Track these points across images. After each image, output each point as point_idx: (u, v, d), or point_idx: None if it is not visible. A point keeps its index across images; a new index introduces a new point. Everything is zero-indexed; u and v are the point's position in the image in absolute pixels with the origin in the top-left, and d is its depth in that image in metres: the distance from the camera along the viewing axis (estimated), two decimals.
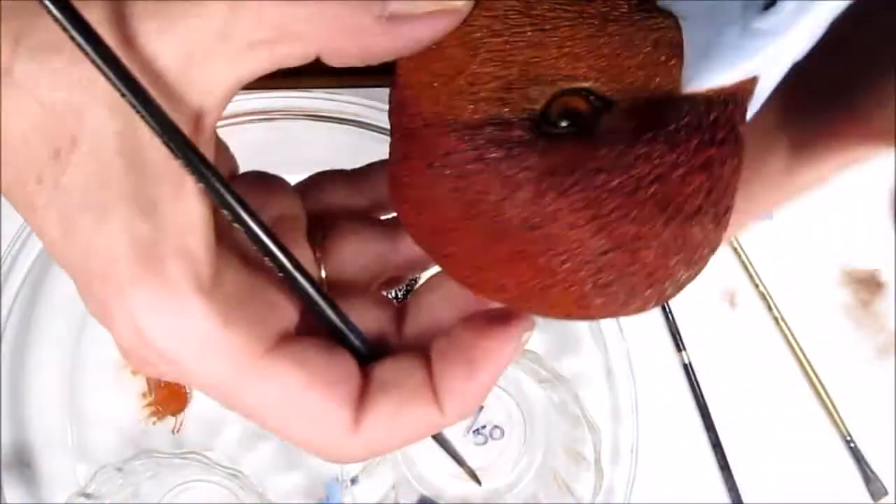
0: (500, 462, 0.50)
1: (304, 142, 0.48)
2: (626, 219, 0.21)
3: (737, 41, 0.20)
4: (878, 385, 0.54)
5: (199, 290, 0.20)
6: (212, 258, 0.21)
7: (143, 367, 0.22)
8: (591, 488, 0.47)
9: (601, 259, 0.21)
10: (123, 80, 0.19)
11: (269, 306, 0.23)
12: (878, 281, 0.54)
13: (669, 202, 0.21)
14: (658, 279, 0.22)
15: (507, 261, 0.22)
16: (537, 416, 0.50)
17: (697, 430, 0.53)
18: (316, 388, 0.22)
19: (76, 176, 0.20)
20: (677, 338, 0.53)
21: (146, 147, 0.20)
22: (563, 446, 0.49)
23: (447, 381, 0.23)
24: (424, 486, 0.50)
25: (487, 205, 0.21)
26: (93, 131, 0.20)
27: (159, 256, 0.20)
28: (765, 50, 0.20)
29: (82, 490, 0.48)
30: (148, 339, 0.21)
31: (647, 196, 0.21)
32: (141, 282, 0.20)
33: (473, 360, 0.23)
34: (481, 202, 0.22)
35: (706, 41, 0.21)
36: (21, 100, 0.19)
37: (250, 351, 0.21)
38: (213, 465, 0.48)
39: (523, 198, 0.21)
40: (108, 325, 0.21)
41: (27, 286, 0.50)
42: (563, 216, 0.21)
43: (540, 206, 0.21)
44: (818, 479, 0.53)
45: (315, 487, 0.53)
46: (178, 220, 0.20)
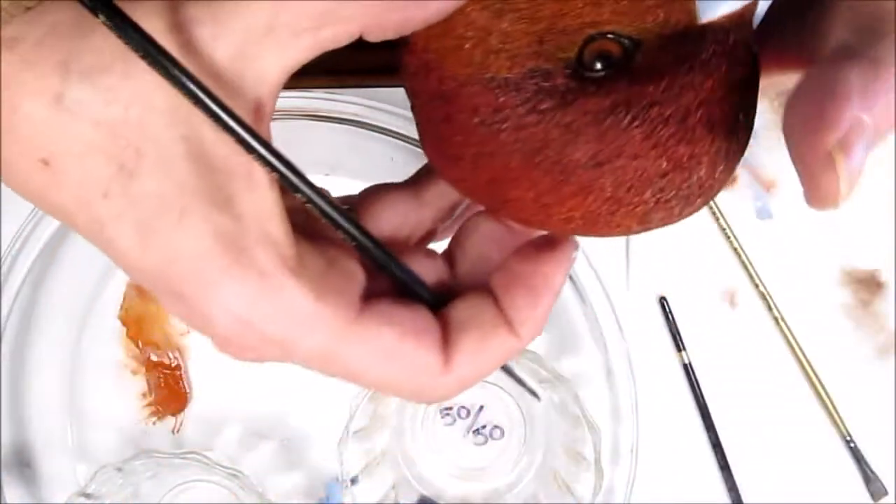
0: (500, 462, 0.50)
1: (304, 142, 0.48)
2: (682, 142, 0.23)
3: None
4: (878, 385, 0.54)
5: (288, 271, 0.22)
6: (292, 241, 0.22)
7: (244, 354, 0.23)
8: (591, 488, 0.47)
9: (662, 180, 0.24)
10: (189, 85, 0.20)
11: (347, 275, 0.24)
12: (878, 281, 0.54)
13: (714, 121, 0.23)
14: (708, 188, 0.24)
15: (575, 195, 0.24)
16: (537, 416, 0.50)
17: (697, 430, 0.53)
18: (408, 340, 0.24)
19: (148, 184, 0.20)
20: (677, 338, 0.53)
21: (211, 147, 0.21)
22: (563, 446, 0.49)
23: (517, 310, 0.25)
24: (424, 486, 0.50)
25: (551, 150, 0.24)
26: (156, 140, 0.20)
27: (245, 246, 0.21)
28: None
29: (82, 490, 0.48)
30: (252, 326, 0.22)
31: (696, 120, 0.23)
32: (233, 273, 0.21)
33: (535, 286, 0.25)
34: (545, 149, 0.24)
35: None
36: (73, 124, 0.20)
37: (345, 317, 0.23)
38: (213, 465, 0.48)
39: (586, 139, 0.23)
40: (202, 324, 0.23)
41: (27, 286, 0.50)
42: (626, 150, 0.23)
43: (603, 144, 0.23)
44: (818, 479, 0.53)
45: (315, 487, 0.53)
46: (255, 209, 0.21)
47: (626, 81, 0.23)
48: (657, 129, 0.23)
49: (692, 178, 0.24)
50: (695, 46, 0.23)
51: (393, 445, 0.50)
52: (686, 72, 0.23)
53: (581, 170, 0.24)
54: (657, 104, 0.23)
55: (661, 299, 0.53)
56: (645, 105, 0.23)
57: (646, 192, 0.24)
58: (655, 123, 0.23)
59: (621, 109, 0.23)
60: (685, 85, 0.23)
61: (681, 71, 0.23)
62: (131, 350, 0.53)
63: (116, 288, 0.53)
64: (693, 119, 0.23)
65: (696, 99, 0.23)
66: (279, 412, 0.53)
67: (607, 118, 0.23)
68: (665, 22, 0.23)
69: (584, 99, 0.23)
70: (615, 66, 0.24)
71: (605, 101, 0.23)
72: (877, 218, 0.54)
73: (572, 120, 0.23)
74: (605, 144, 0.23)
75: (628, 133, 0.23)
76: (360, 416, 0.48)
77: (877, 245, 0.54)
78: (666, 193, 0.24)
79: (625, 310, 0.51)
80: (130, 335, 0.53)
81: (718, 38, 0.23)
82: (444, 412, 0.50)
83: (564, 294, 0.51)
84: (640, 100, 0.23)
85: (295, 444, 0.53)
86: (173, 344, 0.53)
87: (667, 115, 0.23)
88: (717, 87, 0.23)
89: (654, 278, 0.54)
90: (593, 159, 0.23)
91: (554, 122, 0.23)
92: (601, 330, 0.50)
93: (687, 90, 0.23)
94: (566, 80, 0.24)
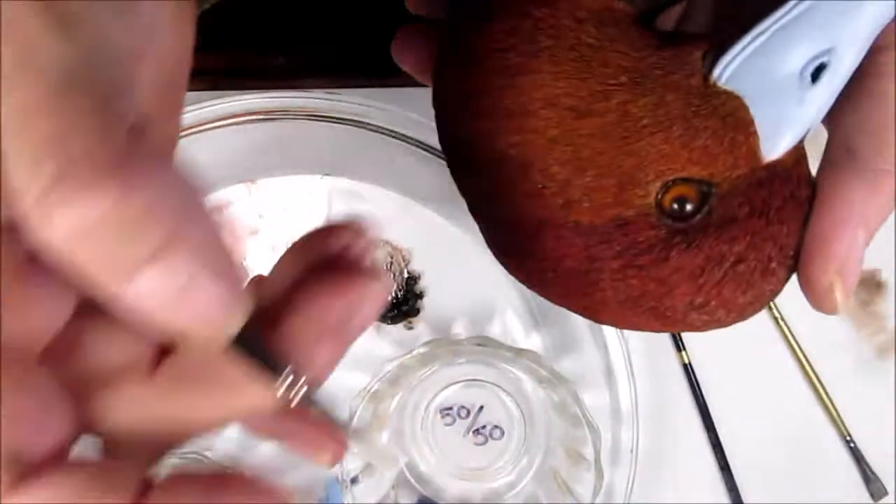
0: (500, 462, 0.50)
1: (304, 142, 0.48)
2: (765, 281, 0.26)
3: (795, 111, 0.24)
4: (878, 385, 0.54)
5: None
6: None
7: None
8: (591, 488, 0.47)
9: (746, 308, 0.27)
10: None
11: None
12: (878, 281, 0.54)
13: (789, 256, 0.27)
14: (776, 291, 0.28)
15: (665, 326, 0.27)
16: (537, 416, 0.50)
17: (697, 430, 0.53)
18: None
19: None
20: (677, 338, 0.53)
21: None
22: (563, 446, 0.49)
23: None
24: (424, 486, 0.50)
25: (649, 299, 0.26)
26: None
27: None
28: (815, 109, 0.25)
29: None
30: None
31: (777, 263, 0.26)
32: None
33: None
34: (642, 298, 0.26)
35: (770, 116, 0.25)
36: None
37: None
38: (213, 465, 0.48)
39: (682, 292, 0.26)
40: None
41: None
42: (720, 297, 0.26)
43: (699, 296, 0.26)
44: (818, 479, 0.53)
45: (315, 487, 0.53)
46: None
47: (713, 237, 0.26)
48: (746, 279, 0.26)
49: (767, 297, 0.27)
50: (768, 193, 0.26)
51: (393, 445, 0.50)
52: (765, 225, 0.26)
53: (678, 313, 0.27)
54: (744, 260, 0.26)
55: None
56: (734, 262, 0.26)
57: (729, 318, 0.27)
58: (744, 275, 0.26)
59: (713, 266, 0.26)
60: (766, 237, 0.26)
61: (760, 224, 0.26)
62: None
63: None
64: (774, 264, 0.26)
65: (775, 246, 0.26)
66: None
67: (701, 275, 0.26)
68: (734, 164, 0.25)
69: (678, 255, 0.26)
70: (695, 215, 0.26)
71: (698, 259, 0.26)
72: None
73: (669, 275, 0.26)
74: (699, 296, 0.26)
75: (720, 286, 0.26)
76: (360, 416, 0.48)
77: (877, 245, 0.54)
78: (744, 312, 0.27)
79: None
80: None
81: (784, 179, 0.26)
82: (444, 412, 0.50)
83: None
84: (728, 257, 0.26)
85: None
86: None
87: (752, 267, 0.26)
88: (791, 232, 0.26)
89: None
90: (689, 305, 0.26)
91: (651, 277, 0.26)
92: (601, 330, 0.50)
93: (767, 241, 0.26)
94: (654, 231, 0.26)
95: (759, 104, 0.25)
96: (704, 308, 0.26)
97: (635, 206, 0.25)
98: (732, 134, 0.25)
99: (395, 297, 0.52)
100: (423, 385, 0.50)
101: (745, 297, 0.27)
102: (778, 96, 0.24)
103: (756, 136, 0.25)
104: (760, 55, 0.24)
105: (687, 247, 0.26)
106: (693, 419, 0.53)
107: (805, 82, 0.24)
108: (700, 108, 0.25)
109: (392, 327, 0.53)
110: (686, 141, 0.25)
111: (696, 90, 0.25)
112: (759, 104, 0.25)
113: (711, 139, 0.25)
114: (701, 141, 0.25)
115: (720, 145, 0.25)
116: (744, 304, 0.27)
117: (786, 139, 0.25)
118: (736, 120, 0.25)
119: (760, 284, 0.26)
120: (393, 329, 0.53)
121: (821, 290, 0.26)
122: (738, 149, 0.25)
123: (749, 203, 0.26)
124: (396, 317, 0.52)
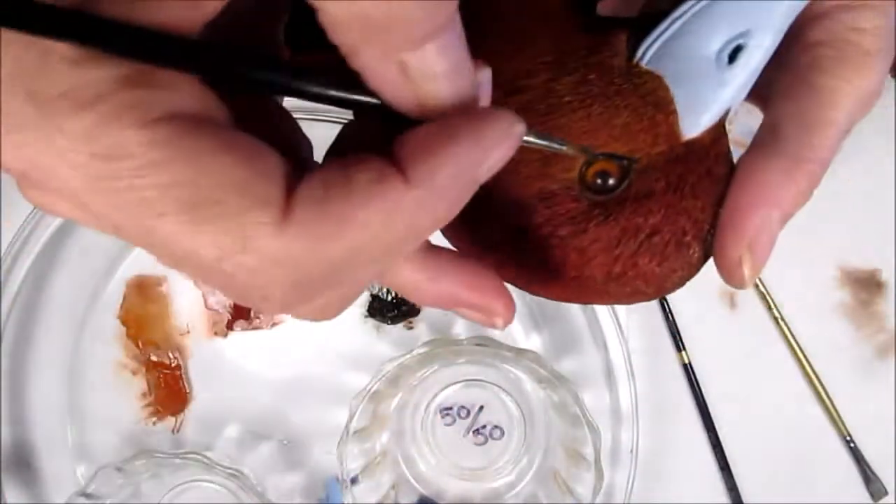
0: (500, 462, 0.50)
1: None
2: (679, 254, 0.27)
3: (714, 92, 0.25)
4: (878, 385, 0.54)
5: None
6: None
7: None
8: (591, 488, 0.47)
9: (664, 280, 0.28)
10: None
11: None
12: (878, 281, 0.54)
13: (703, 231, 0.27)
14: (695, 269, 0.28)
15: (588, 297, 0.28)
16: (537, 416, 0.50)
17: (697, 430, 0.53)
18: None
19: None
20: (677, 338, 0.53)
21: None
22: (563, 446, 0.49)
23: (405, 152, 0.22)
24: (424, 486, 0.50)
25: (569, 268, 0.27)
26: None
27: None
28: (734, 90, 0.25)
29: (82, 490, 0.48)
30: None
31: (691, 237, 0.27)
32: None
33: (432, 132, 0.21)
34: (563, 266, 0.27)
35: (690, 96, 0.26)
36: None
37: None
38: (213, 465, 0.48)
39: (600, 262, 0.27)
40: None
41: (27, 286, 0.50)
42: (634, 268, 0.27)
43: (616, 266, 0.27)
44: (818, 479, 0.53)
45: (315, 487, 0.53)
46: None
47: (630, 210, 0.27)
48: (660, 250, 0.27)
49: (685, 272, 0.28)
50: (683, 170, 0.27)
51: (393, 445, 0.50)
52: (679, 199, 0.27)
53: (597, 283, 0.28)
54: (658, 232, 0.27)
55: (661, 299, 0.53)
56: (648, 234, 0.27)
57: (649, 290, 0.28)
58: (658, 247, 0.27)
59: (629, 238, 0.27)
60: (680, 211, 0.27)
61: (675, 198, 0.27)
62: (131, 350, 0.53)
63: (116, 288, 0.53)
64: (688, 237, 0.27)
65: (689, 220, 0.27)
66: (279, 412, 0.53)
67: (618, 246, 0.27)
68: (654, 142, 0.26)
69: (596, 227, 0.27)
70: (616, 189, 0.27)
71: (615, 230, 0.27)
72: (877, 218, 0.54)
73: (588, 245, 0.27)
74: (617, 266, 0.27)
75: (635, 257, 0.27)
76: (360, 416, 0.48)
77: (877, 245, 0.54)
78: (664, 286, 0.28)
79: (625, 310, 0.51)
80: (130, 335, 0.53)
81: (701, 156, 0.27)
82: (444, 412, 0.50)
83: None
84: (643, 228, 0.27)
85: (295, 444, 0.53)
86: (173, 344, 0.53)
87: (667, 239, 0.27)
88: (705, 206, 0.27)
89: None
90: (607, 276, 0.27)
91: (572, 247, 0.27)
92: (601, 330, 0.50)
93: (681, 215, 0.27)
94: (572, 202, 0.27)
95: (680, 84, 0.26)
96: (622, 279, 0.27)
97: (559, 181, 0.27)
98: (653, 112, 0.26)
99: (395, 297, 0.52)
100: (423, 385, 0.50)
101: (661, 269, 0.27)
102: (697, 76, 0.25)
103: (675, 115, 0.26)
104: (680, 37, 0.25)
105: (605, 219, 0.27)
106: (693, 419, 0.53)
107: (723, 63, 0.25)
108: (621, 87, 0.26)
109: (392, 327, 0.53)
110: (607, 118, 0.26)
111: (618, 70, 0.26)
112: (679, 84, 0.26)
113: (631, 117, 0.26)
114: (621, 119, 0.26)
115: (640, 122, 0.26)
116: (661, 276, 0.28)
117: (704, 118, 0.26)
118: (656, 98, 0.26)
119: (675, 257, 0.27)
120: (393, 329, 0.53)
121: (730, 263, 0.27)
122: (657, 126, 0.26)
123: (665, 178, 0.27)
124: (396, 317, 0.52)
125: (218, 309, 0.53)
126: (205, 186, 0.19)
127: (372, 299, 0.52)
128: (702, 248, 0.28)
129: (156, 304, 0.53)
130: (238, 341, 0.53)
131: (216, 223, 0.19)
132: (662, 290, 0.28)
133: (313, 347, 0.53)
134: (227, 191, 0.19)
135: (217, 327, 0.53)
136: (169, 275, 0.53)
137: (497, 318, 0.26)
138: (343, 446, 0.47)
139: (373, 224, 0.20)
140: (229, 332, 0.53)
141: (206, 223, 0.19)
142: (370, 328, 0.53)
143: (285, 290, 0.20)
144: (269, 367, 0.53)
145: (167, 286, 0.53)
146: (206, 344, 0.53)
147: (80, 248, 0.52)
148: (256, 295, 0.21)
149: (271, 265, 0.20)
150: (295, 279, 0.20)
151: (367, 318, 0.53)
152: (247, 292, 0.21)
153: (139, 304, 0.53)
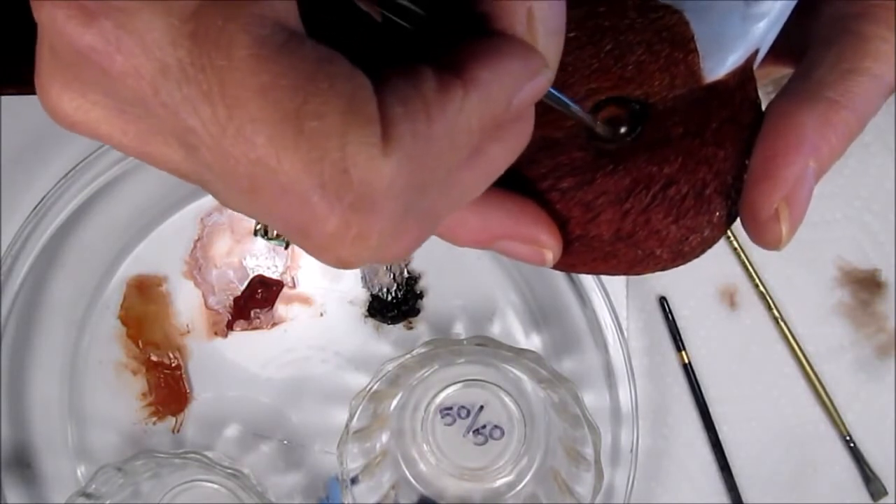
0: (500, 462, 0.50)
1: None
2: (699, 213, 0.24)
3: (739, 28, 0.23)
4: (878, 385, 0.54)
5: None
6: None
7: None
8: (591, 488, 0.47)
9: (680, 244, 0.25)
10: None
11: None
12: (878, 281, 0.54)
13: (727, 186, 0.24)
14: (718, 234, 0.25)
15: (595, 261, 0.25)
16: (537, 416, 0.50)
17: (697, 430, 0.53)
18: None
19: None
20: (677, 338, 0.53)
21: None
22: (563, 446, 0.49)
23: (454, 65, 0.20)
24: (424, 486, 0.50)
25: (574, 226, 0.24)
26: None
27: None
28: (763, 28, 0.23)
29: (82, 490, 0.48)
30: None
31: (712, 190, 0.24)
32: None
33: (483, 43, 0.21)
34: (567, 225, 0.24)
35: (713, 33, 0.23)
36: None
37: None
38: (213, 465, 0.48)
39: (607, 218, 0.24)
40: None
41: (27, 286, 0.50)
42: (647, 225, 0.24)
43: (625, 223, 0.24)
44: (818, 478, 0.53)
45: (315, 487, 0.53)
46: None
47: (643, 159, 0.24)
48: (676, 205, 0.24)
49: (705, 234, 0.25)
50: (704, 114, 0.23)
51: (393, 445, 0.50)
52: (699, 146, 0.24)
53: (605, 242, 0.24)
54: (675, 183, 0.24)
55: (660, 299, 0.53)
56: (663, 185, 0.24)
57: (664, 254, 0.25)
58: (675, 201, 0.24)
59: (641, 189, 0.24)
60: (700, 160, 0.24)
61: (694, 145, 0.23)
62: (131, 350, 0.53)
63: (116, 288, 0.53)
64: (709, 190, 0.24)
65: (710, 171, 0.24)
66: (279, 412, 0.53)
67: (628, 199, 0.24)
68: (671, 84, 0.23)
69: (603, 178, 0.24)
70: (627, 136, 0.24)
71: (625, 181, 0.24)
72: (877, 218, 0.54)
73: (593, 199, 0.24)
74: (626, 223, 0.24)
75: (648, 212, 0.24)
76: (360, 416, 0.48)
77: (877, 245, 0.54)
78: (682, 250, 0.25)
79: (625, 310, 0.51)
80: (130, 335, 0.53)
81: (724, 100, 0.23)
82: (444, 412, 0.50)
83: (565, 294, 0.51)
84: (658, 179, 0.24)
85: (295, 444, 0.53)
86: (173, 344, 0.53)
87: (684, 192, 0.24)
88: (729, 156, 0.24)
89: (654, 278, 0.54)
90: (616, 234, 0.24)
91: (575, 201, 0.24)
92: (601, 330, 0.50)
93: (701, 165, 0.24)
94: (579, 151, 0.24)
95: (701, 19, 0.23)
96: (633, 238, 0.24)
97: (563, 128, 0.24)
98: (669, 50, 0.23)
99: (395, 297, 0.52)
100: (423, 385, 0.50)
101: (678, 228, 0.24)
102: (721, 11, 0.23)
103: (696, 54, 0.23)
104: None
105: (614, 168, 0.24)
106: (693, 419, 0.53)
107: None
108: (635, 22, 0.23)
109: (392, 327, 0.53)
110: (618, 56, 0.23)
111: (632, 3, 0.23)
112: (700, 19, 0.23)
113: (646, 55, 0.23)
114: (635, 57, 0.23)
115: (656, 62, 0.23)
116: (677, 237, 0.24)
117: (730, 58, 0.23)
118: (674, 35, 0.23)
119: (694, 214, 0.24)
120: (393, 329, 0.53)
121: (764, 216, 0.23)
122: (675, 66, 0.23)
123: (684, 123, 0.24)
124: (396, 317, 0.52)
125: (218, 309, 0.53)
126: (310, 94, 0.17)
127: (372, 299, 0.52)
128: (725, 205, 0.24)
129: (156, 304, 0.53)
130: (238, 341, 0.53)
131: (313, 139, 0.17)
132: (679, 256, 0.25)
133: (313, 348, 0.53)
134: (330, 104, 0.17)
135: (217, 327, 0.53)
136: (169, 275, 0.53)
137: (546, 251, 0.24)
138: (343, 446, 0.47)
139: (457, 134, 0.18)
140: (229, 332, 0.53)
141: (303, 138, 0.17)
142: (370, 328, 0.53)
143: (384, 226, 0.18)
144: (269, 367, 0.53)
145: (167, 286, 0.53)
146: (206, 344, 0.53)
147: (80, 248, 0.52)
148: (350, 234, 0.18)
149: (383, 197, 0.17)
150: (399, 212, 0.18)
151: (367, 318, 0.53)
152: (338, 230, 0.18)
153: (139, 304, 0.53)
